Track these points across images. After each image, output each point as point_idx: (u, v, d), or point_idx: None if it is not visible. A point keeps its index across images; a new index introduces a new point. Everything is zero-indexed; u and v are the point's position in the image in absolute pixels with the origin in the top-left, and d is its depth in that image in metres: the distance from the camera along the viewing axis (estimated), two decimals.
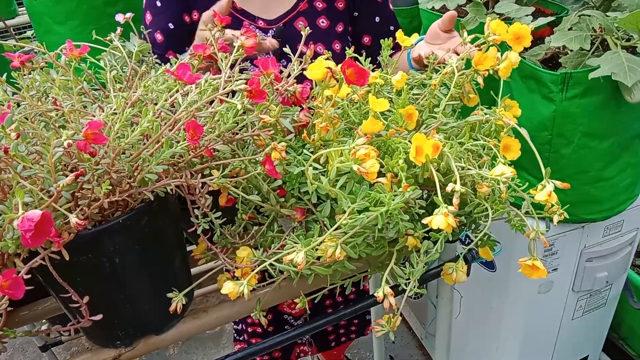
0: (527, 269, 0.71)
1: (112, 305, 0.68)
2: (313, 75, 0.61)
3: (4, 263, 0.58)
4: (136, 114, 0.61)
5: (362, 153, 0.54)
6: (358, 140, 0.55)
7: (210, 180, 0.61)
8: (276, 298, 0.76)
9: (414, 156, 0.61)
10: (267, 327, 1.47)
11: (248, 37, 0.70)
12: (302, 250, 0.56)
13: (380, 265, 0.76)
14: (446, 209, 0.57)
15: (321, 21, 1.10)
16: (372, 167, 0.54)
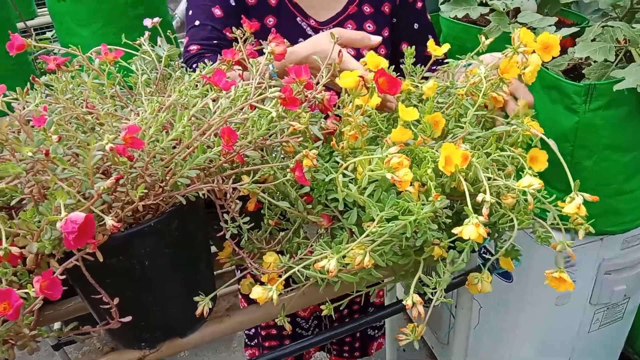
0: (554, 281, 0.70)
1: (140, 307, 0.69)
2: (345, 84, 0.62)
3: (38, 263, 0.59)
4: (167, 118, 0.62)
5: (395, 161, 0.54)
6: (391, 149, 0.56)
7: (241, 185, 0.62)
8: (300, 304, 0.76)
9: (443, 166, 0.61)
10: (282, 330, 1.48)
11: (278, 44, 0.70)
12: (334, 258, 0.57)
13: (403, 274, 0.76)
14: (477, 219, 0.57)
15: (368, 25, 1.10)
16: (406, 175, 0.54)
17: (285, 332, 1.49)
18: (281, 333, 1.50)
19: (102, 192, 0.49)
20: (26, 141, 0.52)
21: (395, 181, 0.55)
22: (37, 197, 0.59)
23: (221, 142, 0.59)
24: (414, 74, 0.87)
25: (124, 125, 0.58)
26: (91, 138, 0.48)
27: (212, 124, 0.56)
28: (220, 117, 0.56)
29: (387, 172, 0.55)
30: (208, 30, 1.00)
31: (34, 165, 0.54)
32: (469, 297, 0.96)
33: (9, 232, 0.57)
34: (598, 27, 1.08)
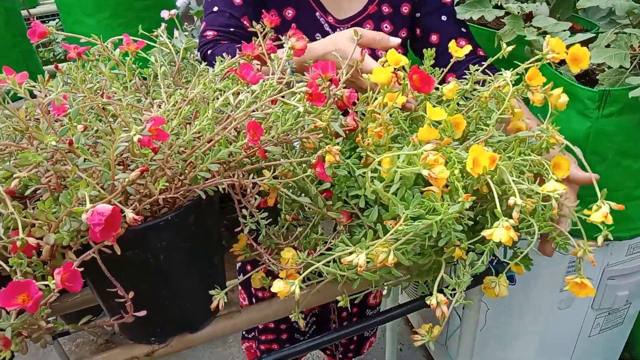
0: (575, 287, 0.70)
1: (153, 301, 0.67)
2: (378, 79, 0.61)
3: (53, 254, 0.57)
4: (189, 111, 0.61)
5: (432, 158, 0.53)
6: (426, 145, 0.55)
7: (261, 181, 0.61)
8: (314, 300, 0.76)
9: (470, 167, 0.60)
10: (279, 324, 1.47)
11: (298, 40, 0.69)
12: (363, 253, 0.56)
13: (419, 273, 0.75)
14: (507, 222, 0.56)
15: (385, 26, 1.09)
16: (442, 172, 0.53)
17: (283, 325, 1.48)
18: (278, 327, 1.49)
19: (127, 184, 0.48)
20: (47, 130, 0.51)
21: (431, 178, 0.54)
22: (53, 187, 0.57)
23: (245, 136, 0.58)
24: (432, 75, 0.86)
25: (145, 117, 0.57)
26: (117, 129, 0.47)
27: (235, 118, 0.55)
28: (245, 111, 0.55)
29: (423, 169, 0.54)
30: (226, 17, 0.99)
31: (53, 154, 0.52)
32: (477, 299, 0.96)
33: (24, 222, 0.56)
34: (611, 33, 1.08)
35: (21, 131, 0.51)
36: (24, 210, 0.56)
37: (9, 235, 0.57)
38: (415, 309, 0.87)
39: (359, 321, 0.90)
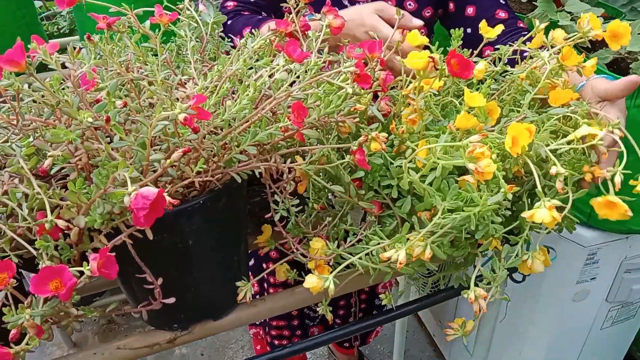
0: (602, 209, 0.62)
1: (178, 287, 0.65)
2: (414, 65, 0.58)
3: (80, 237, 0.55)
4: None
5: (479, 151, 0.50)
6: (472, 137, 0.52)
7: (298, 165, 0.58)
8: (339, 290, 0.73)
9: (510, 146, 0.58)
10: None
11: (336, 17, 0.66)
12: (403, 249, 0.53)
13: (450, 266, 0.73)
14: (549, 201, 0.54)
15: (408, 3, 1.04)
16: (489, 167, 0.51)
17: (295, 312, 1.46)
18: (290, 313, 1.48)
19: (169, 165, 0.45)
20: (79, 105, 0.48)
21: (477, 173, 0.51)
22: (81, 166, 0.55)
23: (284, 117, 0.55)
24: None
25: (179, 94, 0.53)
26: (157, 106, 0.44)
27: (276, 98, 0.52)
28: (287, 90, 0.52)
29: (469, 162, 0.51)
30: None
31: (84, 132, 0.49)
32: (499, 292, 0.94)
33: (50, 203, 0.53)
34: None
35: (51, 106, 0.47)
36: (50, 191, 0.53)
37: (32, 216, 0.54)
38: (432, 304, 0.85)
39: (374, 316, 0.87)
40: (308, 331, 1.57)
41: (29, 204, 0.54)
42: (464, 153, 0.52)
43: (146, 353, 0.72)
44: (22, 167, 0.54)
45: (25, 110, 0.51)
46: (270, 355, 0.79)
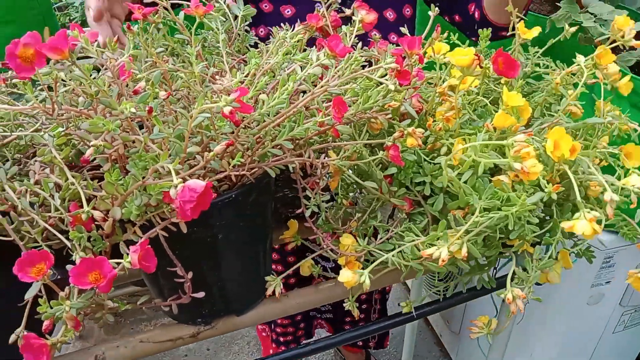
0: (638, 282, 0.66)
1: (205, 281, 0.64)
2: (459, 62, 0.57)
3: (113, 230, 0.54)
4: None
5: (526, 151, 0.50)
6: (517, 136, 0.52)
7: (332, 161, 0.57)
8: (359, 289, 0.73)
9: (551, 150, 0.57)
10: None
11: (368, 12, 0.65)
12: (445, 247, 0.53)
13: (476, 266, 0.73)
14: (590, 213, 0.53)
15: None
16: (534, 167, 0.50)
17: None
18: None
19: (211, 157, 0.44)
20: (118, 95, 0.47)
21: (523, 173, 0.51)
22: (114, 158, 0.54)
23: (319, 113, 0.54)
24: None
25: (216, 87, 0.53)
26: (200, 99, 0.43)
27: (314, 93, 0.52)
28: (326, 85, 0.51)
29: (514, 162, 0.51)
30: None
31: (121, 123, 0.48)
32: None
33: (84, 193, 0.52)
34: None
35: (90, 95, 0.47)
36: (85, 181, 0.52)
37: (64, 206, 0.54)
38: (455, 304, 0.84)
39: (385, 318, 0.85)
40: (313, 323, 1.55)
41: (61, 194, 0.53)
42: (510, 152, 0.51)
43: (169, 347, 0.71)
44: (55, 157, 0.53)
45: (61, 100, 0.50)
46: (280, 357, 0.78)
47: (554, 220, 0.66)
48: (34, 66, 0.42)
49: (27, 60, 0.41)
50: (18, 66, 0.41)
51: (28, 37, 0.41)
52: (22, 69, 0.41)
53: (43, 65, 0.42)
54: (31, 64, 0.41)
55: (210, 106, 0.43)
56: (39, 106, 0.48)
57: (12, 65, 0.41)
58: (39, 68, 0.42)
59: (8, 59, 0.41)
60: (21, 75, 0.42)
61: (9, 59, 0.41)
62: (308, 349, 0.80)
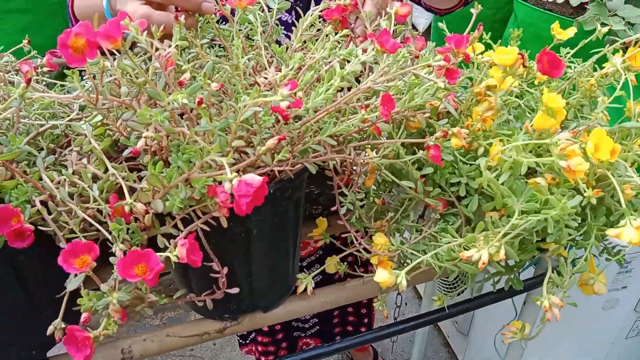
0: None
1: (235, 277, 0.64)
2: (502, 61, 0.56)
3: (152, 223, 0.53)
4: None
5: (572, 149, 0.49)
6: (561, 134, 0.51)
7: (371, 159, 0.57)
8: None
9: (592, 152, 0.56)
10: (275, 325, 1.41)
11: (403, 5, 0.65)
12: (485, 249, 0.52)
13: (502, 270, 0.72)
14: (637, 220, 0.53)
15: None
16: (580, 165, 0.49)
17: (278, 325, 1.42)
18: (273, 327, 1.44)
19: (263, 152, 0.44)
20: (165, 86, 0.46)
21: (569, 171, 0.50)
22: (154, 149, 0.53)
23: (359, 109, 0.53)
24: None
25: (261, 80, 0.52)
26: (253, 91, 0.43)
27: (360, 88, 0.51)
28: (375, 81, 0.50)
29: (560, 160, 0.50)
30: None
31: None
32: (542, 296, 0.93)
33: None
34: None
35: (138, 85, 0.46)
36: (126, 173, 0.52)
37: (102, 197, 0.53)
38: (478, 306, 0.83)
39: (394, 324, 0.84)
40: (297, 344, 1.53)
41: (100, 185, 0.53)
42: (555, 150, 0.50)
43: (195, 342, 0.71)
44: (95, 147, 0.53)
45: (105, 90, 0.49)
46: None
47: (588, 224, 0.65)
48: (85, 56, 0.41)
49: (78, 50, 0.41)
50: (69, 56, 0.41)
51: (80, 27, 0.40)
52: (73, 59, 0.41)
53: (95, 55, 0.41)
54: (82, 54, 0.41)
55: (267, 100, 0.42)
56: (84, 96, 0.47)
57: (63, 55, 0.41)
58: (90, 58, 0.41)
59: (60, 48, 0.40)
60: (72, 65, 0.41)
61: (61, 49, 0.40)
62: (320, 352, 0.78)
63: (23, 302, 0.58)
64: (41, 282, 0.60)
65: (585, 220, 0.66)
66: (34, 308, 0.60)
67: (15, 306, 0.58)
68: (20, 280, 0.57)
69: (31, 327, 0.61)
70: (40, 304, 0.61)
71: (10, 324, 0.58)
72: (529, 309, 0.96)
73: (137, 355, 0.68)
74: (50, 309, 0.63)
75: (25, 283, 0.57)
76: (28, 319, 0.60)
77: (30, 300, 0.59)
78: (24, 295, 0.58)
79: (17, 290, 0.57)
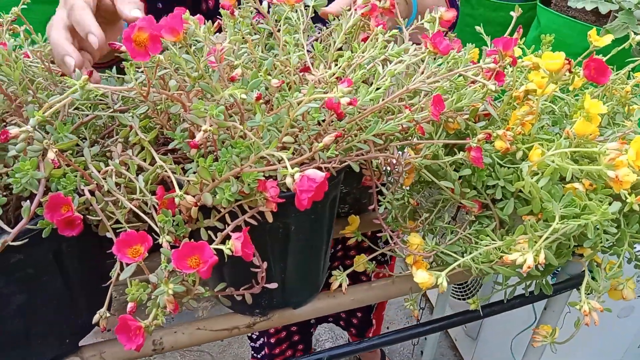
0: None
1: (270, 272, 0.64)
2: (549, 66, 0.56)
3: (189, 217, 0.54)
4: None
5: (621, 160, 0.49)
6: (610, 144, 0.51)
7: (413, 159, 0.57)
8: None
9: (633, 160, 0.56)
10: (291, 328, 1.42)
11: (448, 10, 0.65)
12: (530, 252, 0.52)
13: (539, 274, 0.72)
14: None
15: None
16: (627, 175, 0.50)
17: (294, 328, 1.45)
18: (291, 331, 1.46)
19: (320, 148, 0.44)
20: (218, 81, 0.46)
21: (616, 181, 0.50)
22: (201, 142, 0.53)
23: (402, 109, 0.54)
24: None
25: (311, 77, 0.52)
26: (309, 88, 0.43)
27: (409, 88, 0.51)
28: (426, 82, 0.51)
29: (608, 169, 0.50)
30: None
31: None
32: (563, 301, 0.93)
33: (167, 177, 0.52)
34: None
35: (194, 79, 0.46)
36: (174, 166, 0.52)
37: (147, 189, 0.53)
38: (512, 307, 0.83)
39: (410, 328, 0.83)
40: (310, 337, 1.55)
41: (146, 176, 0.53)
42: (603, 159, 0.51)
43: (225, 336, 0.71)
44: (142, 139, 0.53)
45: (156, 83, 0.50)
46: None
47: (622, 230, 0.65)
48: (147, 50, 0.41)
49: (140, 44, 0.41)
50: (132, 50, 0.41)
51: (143, 21, 0.41)
52: (137, 54, 0.41)
53: (158, 50, 0.41)
54: (145, 48, 0.41)
55: (325, 96, 0.42)
56: (137, 88, 0.48)
57: (127, 49, 0.41)
58: (154, 53, 0.41)
59: (124, 42, 0.41)
60: (136, 59, 0.41)
61: (125, 42, 0.41)
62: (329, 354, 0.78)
63: (62, 291, 0.59)
64: (78, 271, 0.61)
65: (619, 227, 0.66)
66: (71, 297, 0.60)
67: (55, 295, 0.58)
68: (60, 270, 0.57)
69: (67, 316, 0.61)
70: (76, 293, 0.61)
71: (49, 313, 0.58)
72: (549, 314, 0.96)
73: (167, 346, 0.68)
74: (84, 298, 0.64)
75: (65, 272, 0.58)
76: (65, 308, 0.60)
77: (68, 290, 0.59)
78: (63, 284, 0.58)
79: (58, 280, 0.57)
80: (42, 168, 0.49)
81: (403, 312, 2.31)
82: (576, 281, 0.82)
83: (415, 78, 0.55)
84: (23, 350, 0.59)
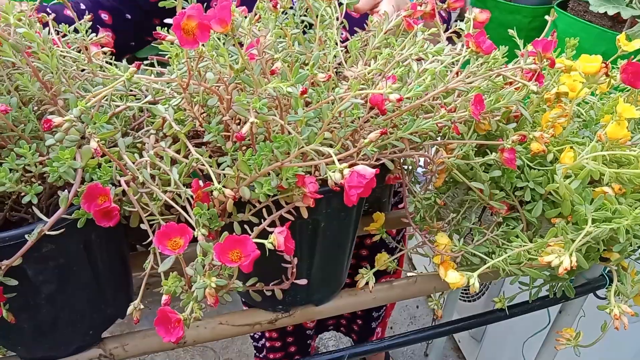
0: None
1: (297, 268, 0.64)
2: (586, 69, 0.56)
3: (222, 210, 0.53)
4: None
5: None
6: None
7: (447, 158, 0.57)
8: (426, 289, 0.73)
9: None
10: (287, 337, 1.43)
11: (482, 11, 0.65)
12: (566, 255, 0.52)
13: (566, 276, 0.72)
14: None
15: None
16: None
17: (291, 339, 1.45)
18: (286, 340, 1.46)
19: (366, 144, 0.44)
20: (259, 75, 0.46)
21: None
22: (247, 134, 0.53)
23: (438, 108, 0.53)
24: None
25: (349, 74, 0.52)
26: (353, 84, 0.43)
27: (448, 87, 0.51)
28: (464, 82, 0.50)
29: None
30: None
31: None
32: (579, 305, 0.93)
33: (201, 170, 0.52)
34: None
35: (236, 71, 0.46)
36: (211, 159, 0.52)
37: (182, 181, 0.53)
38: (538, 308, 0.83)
39: (417, 331, 0.83)
40: (307, 345, 1.54)
41: (180, 168, 0.53)
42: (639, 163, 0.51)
43: (246, 331, 0.71)
44: (178, 131, 0.53)
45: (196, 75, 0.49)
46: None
47: None
48: (196, 39, 0.41)
49: (189, 32, 0.41)
50: (181, 38, 0.41)
51: (192, 9, 0.40)
52: (186, 42, 0.41)
53: (207, 38, 0.41)
54: (193, 37, 0.41)
55: (375, 91, 0.42)
56: (177, 79, 0.47)
57: (177, 36, 0.41)
58: (202, 41, 0.41)
59: (174, 30, 0.40)
60: (185, 47, 0.41)
61: (175, 30, 0.40)
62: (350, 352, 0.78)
63: (89, 282, 0.58)
64: (106, 262, 0.60)
65: None
66: (99, 289, 0.60)
67: (82, 286, 0.58)
68: (90, 261, 0.57)
69: (92, 307, 0.61)
70: (102, 284, 0.61)
71: (76, 304, 0.58)
72: (564, 317, 0.96)
73: (190, 340, 0.68)
74: (110, 289, 0.63)
75: (95, 263, 0.58)
76: (92, 299, 0.60)
77: (97, 281, 0.59)
78: (92, 275, 0.58)
79: (87, 270, 0.57)
80: (79, 158, 0.49)
81: (407, 312, 2.32)
82: (596, 285, 0.82)
83: (450, 77, 0.55)
84: (50, 340, 0.58)
